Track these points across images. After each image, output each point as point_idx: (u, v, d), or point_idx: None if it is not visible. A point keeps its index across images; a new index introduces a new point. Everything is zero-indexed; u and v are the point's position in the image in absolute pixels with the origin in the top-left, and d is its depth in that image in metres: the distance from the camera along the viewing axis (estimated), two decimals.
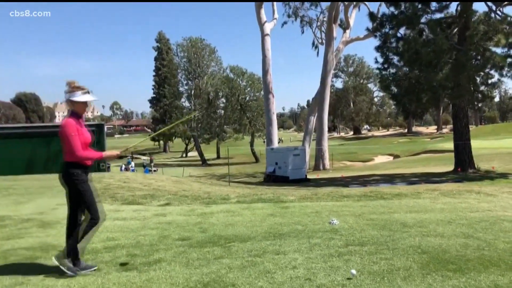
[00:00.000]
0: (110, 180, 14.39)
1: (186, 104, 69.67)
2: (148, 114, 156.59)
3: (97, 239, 5.81)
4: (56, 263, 4.27)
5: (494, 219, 6.27)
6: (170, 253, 4.93)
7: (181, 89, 71.32)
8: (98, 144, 20.45)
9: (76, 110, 4.33)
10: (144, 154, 69.96)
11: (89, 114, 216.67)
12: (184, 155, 75.18)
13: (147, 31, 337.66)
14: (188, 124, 64.20)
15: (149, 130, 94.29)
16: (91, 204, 4.35)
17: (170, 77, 71.67)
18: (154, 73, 75.23)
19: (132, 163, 42.49)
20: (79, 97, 4.27)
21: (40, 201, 10.04)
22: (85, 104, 4.34)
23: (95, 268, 4.41)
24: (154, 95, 75.13)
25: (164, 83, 71.93)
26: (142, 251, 5.08)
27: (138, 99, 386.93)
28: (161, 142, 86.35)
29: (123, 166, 40.24)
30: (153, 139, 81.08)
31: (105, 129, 22.16)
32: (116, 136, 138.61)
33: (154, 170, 42.96)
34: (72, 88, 4.29)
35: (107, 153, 4.58)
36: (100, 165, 20.33)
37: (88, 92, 4.34)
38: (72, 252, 4.32)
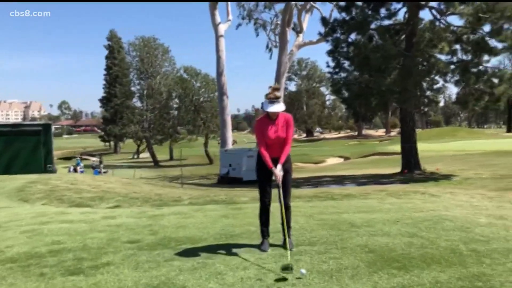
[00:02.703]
0: (57, 182, 13.91)
1: (138, 104, 68.31)
2: (98, 114, 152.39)
3: (41, 243, 5.60)
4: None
5: (437, 219, 6.54)
6: (118, 256, 4.82)
7: (133, 88, 69.84)
8: (45, 144, 19.72)
9: (267, 114, 4.89)
10: (93, 155, 67.98)
11: (35, 114, 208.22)
12: (135, 156, 73.64)
13: (98, 29, 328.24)
14: (140, 124, 62.99)
15: (99, 131, 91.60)
16: (259, 188, 5.08)
17: (122, 76, 70.08)
18: (105, 72, 73.34)
19: (81, 164, 41.16)
20: (266, 107, 4.77)
21: None
22: (272, 112, 4.82)
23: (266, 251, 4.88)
24: (105, 95, 73.20)
25: (115, 83, 70.23)
26: (89, 255, 4.94)
27: (88, 99, 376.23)
28: (112, 143, 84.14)
29: (72, 168, 38.93)
30: (103, 139, 78.99)
31: (53, 129, 21.35)
32: (64, 136, 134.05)
33: (104, 172, 41.81)
34: (266, 95, 4.80)
35: (274, 169, 4.82)
36: (47, 167, 19.60)
37: (274, 101, 4.74)
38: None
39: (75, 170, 36.97)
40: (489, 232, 5.54)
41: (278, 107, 4.77)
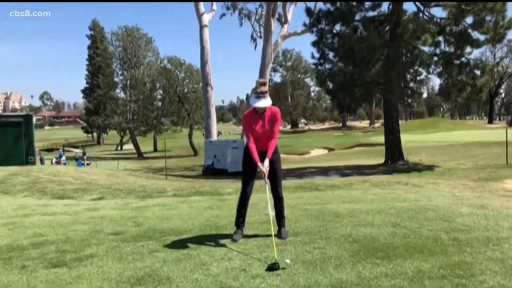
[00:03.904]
0: (39, 174, 13.74)
1: (122, 95, 67.63)
2: (81, 105, 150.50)
3: (23, 236, 5.54)
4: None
5: (420, 209, 6.64)
6: (102, 248, 4.79)
7: (116, 79, 69.17)
8: (26, 136, 19.39)
9: (253, 108, 4.86)
10: (76, 147, 67.27)
11: (16, 105, 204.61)
12: (119, 148, 73.12)
13: (81, 18, 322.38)
14: (123, 115, 62.39)
15: (82, 122, 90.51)
16: (242, 179, 5.07)
17: (105, 66, 69.34)
18: (87, 62, 72.46)
19: (64, 156, 40.75)
20: (253, 102, 4.75)
21: None
22: (259, 107, 4.78)
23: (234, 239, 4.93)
24: (88, 85, 72.41)
25: (98, 73, 69.51)
26: (72, 247, 4.89)
27: (70, 89, 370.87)
28: (95, 134, 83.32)
29: (54, 160, 38.50)
30: (86, 131, 78.12)
31: (34, 120, 20.96)
32: (46, 128, 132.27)
33: (87, 164, 41.48)
34: (252, 90, 4.76)
35: (260, 164, 4.81)
36: (28, 159, 19.31)
37: (261, 97, 4.71)
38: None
39: (57, 162, 36.59)
40: (470, 222, 5.65)
41: (265, 102, 4.76)
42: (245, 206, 5.10)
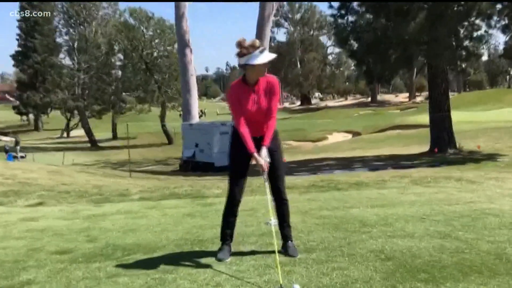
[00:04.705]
0: None
1: (67, 61, 67.22)
2: (10, 75, 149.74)
3: None
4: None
5: (477, 213, 6.66)
6: (44, 272, 4.80)
7: (59, 40, 68.67)
8: None
9: (246, 74, 4.78)
10: (6, 134, 67.07)
11: None
12: (65, 134, 72.95)
13: None
14: (70, 90, 62.12)
15: (12, 99, 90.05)
16: (229, 176, 5.02)
17: (43, 22, 68.69)
18: (18, 17, 71.78)
19: None
20: (253, 59, 4.58)
21: None
22: (258, 66, 4.65)
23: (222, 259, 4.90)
24: (19, 49, 71.86)
25: (34, 31, 68.86)
26: (2, 271, 4.91)
27: None
28: (31, 116, 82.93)
29: None
30: (18, 111, 77.79)
31: None
32: None
33: (22, 157, 41.45)
34: (239, 53, 4.61)
35: (256, 155, 4.73)
36: None
37: (263, 50, 4.60)
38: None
39: None
40: None
41: (270, 55, 4.68)
42: (234, 214, 5.11)
